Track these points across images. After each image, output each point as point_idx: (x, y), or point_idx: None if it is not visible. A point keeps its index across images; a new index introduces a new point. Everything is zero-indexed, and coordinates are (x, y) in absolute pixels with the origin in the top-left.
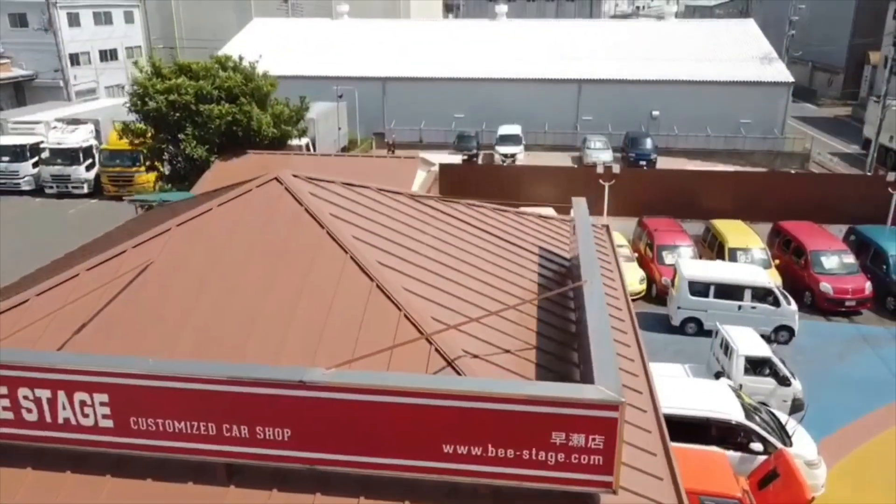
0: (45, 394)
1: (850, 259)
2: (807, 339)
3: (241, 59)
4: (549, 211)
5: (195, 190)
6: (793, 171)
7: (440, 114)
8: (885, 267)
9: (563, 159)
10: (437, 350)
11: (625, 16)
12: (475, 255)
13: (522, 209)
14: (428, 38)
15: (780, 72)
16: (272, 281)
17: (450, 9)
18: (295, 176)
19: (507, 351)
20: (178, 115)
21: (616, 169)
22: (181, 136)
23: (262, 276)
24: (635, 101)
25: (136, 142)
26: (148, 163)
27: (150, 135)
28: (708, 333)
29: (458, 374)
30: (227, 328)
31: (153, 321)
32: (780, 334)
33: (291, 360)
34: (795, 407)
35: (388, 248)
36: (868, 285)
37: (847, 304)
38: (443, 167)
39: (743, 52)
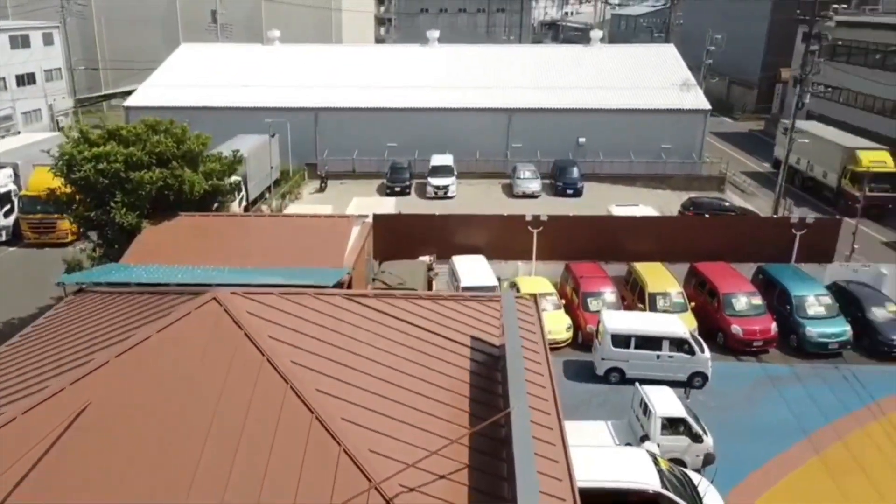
0: None
1: (757, 301)
2: (719, 381)
3: (171, 122)
4: (479, 259)
5: (126, 258)
6: (707, 217)
7: (373, 143)
8: (788, 307)
9: (493, 188)
10: (376, 489)
11: (553, 22)
12: (412, 361)
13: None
14: (360, 66)
15: (699, 99)
16: (212, 423)
17: (382, 22)
18: (233, 293)
19: (443, 476)
20: (107, 182)
21: (544, 217)
22: (111, 203)
23: (202, 418)
24: (563, 128)
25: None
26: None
27: (77, 201)
28: (631, 382)
29: None
30: (168, 478)
31: (93, 473)
32: (694, 380)
33: None
34: (707, 460)
35: (327, 368)
36: (773, 326)
37: (755, 344)
38: (377, 219)
39: (664, 79)
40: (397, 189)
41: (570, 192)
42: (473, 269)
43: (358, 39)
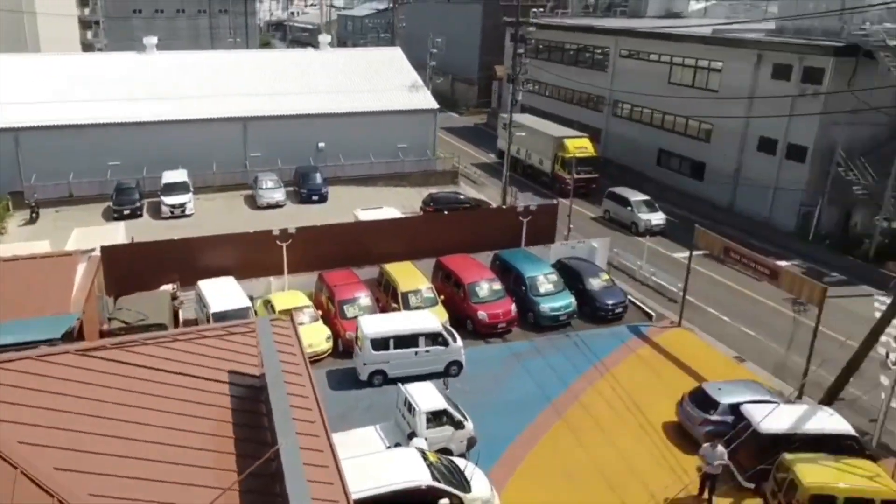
0: None
1: (497, 286)
2: (472, 366)
3: None
4: (228, 280)
5: None
6: (446, 214)
7: (92, 163)
8: (523, 288)
9: (235, 201)
10: None
11: (279, 22)
12: (166, 412)
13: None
14: (68, 76)
15: (427, 99)
16: None
17: (88, 26)
18: None
19: None
20: None
21: (292, 230)
22: None
23: None
24: (302, 134)
25: None
26: None
27: None
28: (394, 381)
29: None
30: None
31: None
32: (451, 369)
33: None
34: (470, 444)
35: (63, 440)
36: (513, 307)
37: (500, 326)
38: (105, 251)
39: (394, 80)
40: (126, 212)
41: (315, 198)
42: (222, 293)
43: (61, 47)
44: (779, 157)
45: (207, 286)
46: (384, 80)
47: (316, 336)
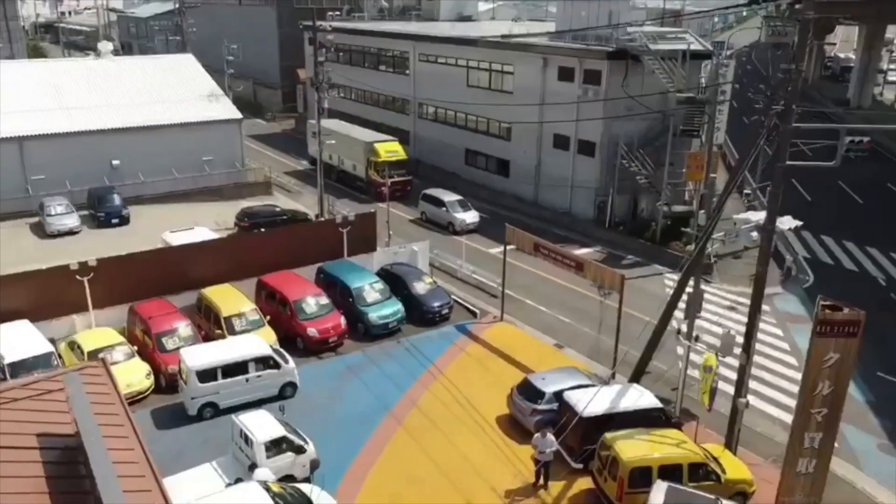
0: None
1: (324, 300)
2: (308, 384)
3: None
4: (23, 324)
5: None
6: (264, 231)
7: None
8: (350, 299)
9: (20, 230)
10: None
11: (49, 24)
12: None
13: None
14: None
15: (229, 108)
16: None
17: None
18: None
19: None
20: None
21: (93, 262)
22: None
23: None
24: (92, 152)
25: None
26: None
27: None
28: (227, 411)
29: None
30: None
31: None
32: (286, 391)
33: None
34: (313, 467)
35: None
36: (342, 320)
37: (331, 341)
38: None
39: (190, 90)
40: None
41: (115, 221)
42: (18, 340)
43: None
44: (572, 152)
45: None
46: (179, 90)
47: (134, 374)
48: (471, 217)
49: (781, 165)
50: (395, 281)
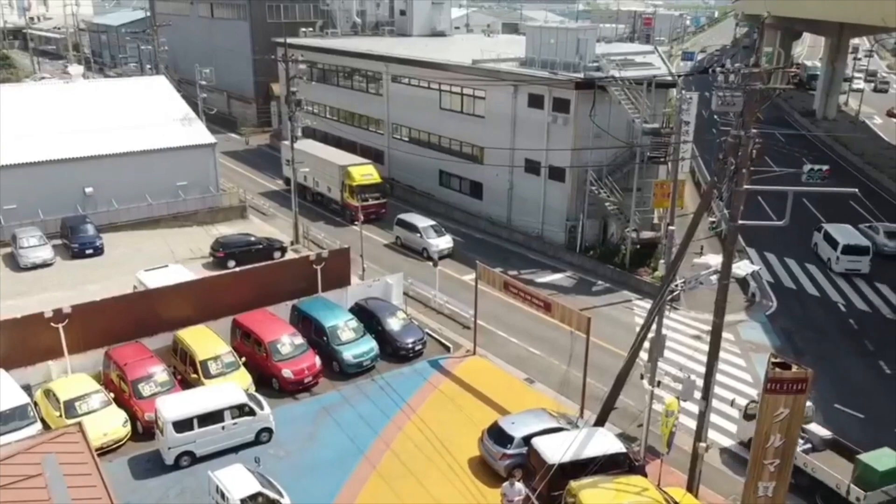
0: None
1: (299, 340)
2: (283, 428)
3: None
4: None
5: None
6: (238, 269)
7: None
8: (325, 338)
9: None
10: None
11: (17, 30)
12: None
13: None
14: None
15: (202, 133)
16: None
17: None
18: None
19: None
20: None
21: (67, 309)
22: None
23: None
24: (65, 180)
25: None
26: None
27: None
28: (204, 458)
29: None
30: None
31: None
32: (262, 436)
33: None
34: None
35: None
36: (317, 360)
37: (306, 381)
38: None
39: (163, 114)
40: None
41: (88, 252)
42: None
43: None
44: (543, 177)
45: None
46: (152, 114)
47: (111, 422)
48: (444, 243)
49: (735, 225)
50: (369, 317)
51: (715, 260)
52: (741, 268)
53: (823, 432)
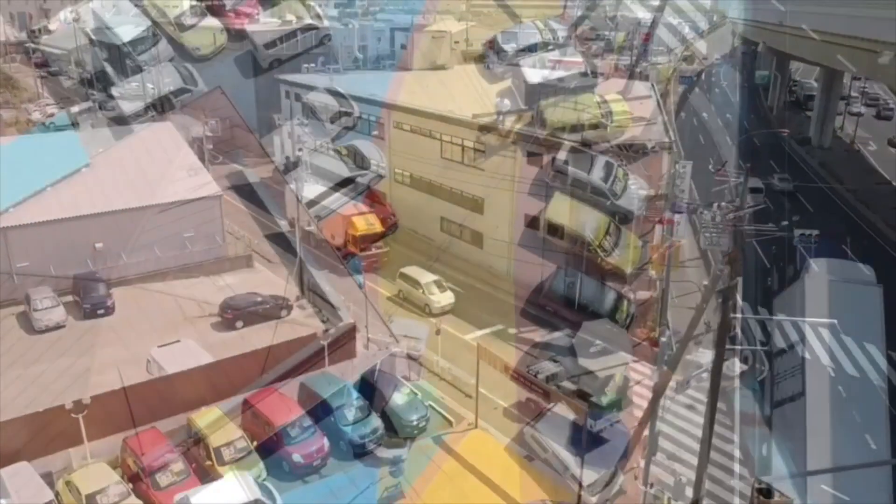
0: None
1: (308, 422)
2: None
3: None
4: (24, 468)
5: None
6: (249, 351)
7: None
8: (332, 418)
9: (7, 322)
10: None
11: (20, 43)
12: None
13: None
14: None
15: (209, 184)
16: None
17: None
18: None
19: None
20: None
21: (87, 401)
22: None
23: None
24: (76, 237)
25: None
26: None
27: None
28: None
29: None
30: None
31: None
32: None
33: None
34: None
35: None
36: (325, 442)
37: (315, 464)
38: None
39: (171, 163)
40: None
41: (100, 312)
42: (20, 487)
43: None
44: (542, 232)
45: None
46: (159, 166)
47: None
48: (446, 299)
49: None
50: (374, 392)
51: (707, 357)
52: (731, 368)
53: None
